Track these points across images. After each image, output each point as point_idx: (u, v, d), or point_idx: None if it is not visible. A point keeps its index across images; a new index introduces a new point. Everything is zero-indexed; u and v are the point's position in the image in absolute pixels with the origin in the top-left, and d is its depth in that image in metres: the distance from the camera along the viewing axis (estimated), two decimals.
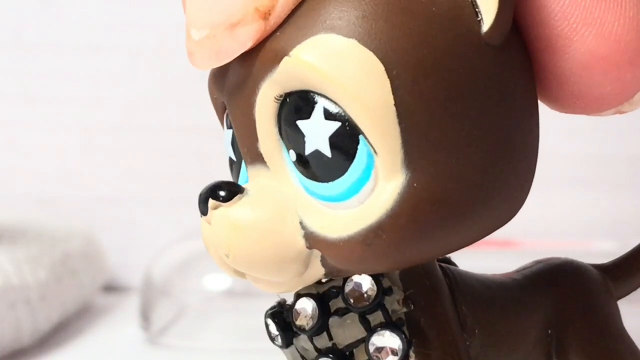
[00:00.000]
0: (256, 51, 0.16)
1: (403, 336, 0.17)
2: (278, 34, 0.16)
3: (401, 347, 0.17)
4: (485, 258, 0.20)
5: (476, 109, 0.16)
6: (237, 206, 0.17)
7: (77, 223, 0.51)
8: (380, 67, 0.15)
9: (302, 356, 0.19)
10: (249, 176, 0.18)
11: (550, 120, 0.18)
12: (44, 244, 0.44)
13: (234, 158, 0.19)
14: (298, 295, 0.18)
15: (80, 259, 0.47)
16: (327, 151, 0.16)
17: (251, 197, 0.17)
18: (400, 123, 0.15)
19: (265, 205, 0.17)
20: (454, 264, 0.20)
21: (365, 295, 0.17)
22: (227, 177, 0.19)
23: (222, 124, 0.19)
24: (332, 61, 0.16)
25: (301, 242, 0.17)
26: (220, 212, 0.17)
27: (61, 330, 0.44)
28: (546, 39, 0.17)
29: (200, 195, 0.17)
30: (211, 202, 0.17)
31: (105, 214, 0.54)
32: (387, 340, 0.17)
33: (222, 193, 0.17)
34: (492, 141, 0.16)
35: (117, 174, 0.55)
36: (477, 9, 0.16)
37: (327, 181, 0.16)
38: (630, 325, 0.22)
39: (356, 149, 0.16)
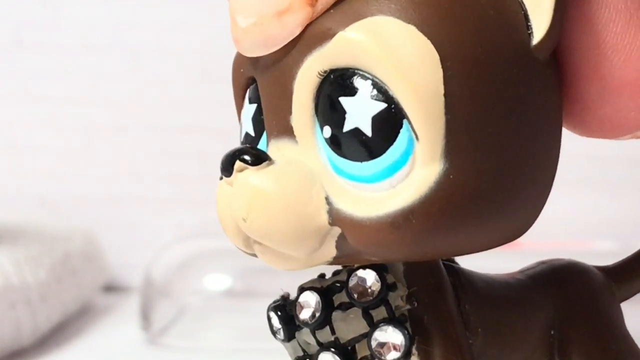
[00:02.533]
0: (308, 26, 0.17)
1: (406, 332, 0.17)
2: (332, 11, 0.16)
3: (404, 343, 0.17)
4: (487, 258, 0.19)
5: (515, 115, 0.16)
6: (264, 172, 0.17)
7: (77, 223, 0.51)
8: (435, 56, 0.16)
9: (303, 350, 0.19)
10: (269, 151, 0.17)
11: None
12: (44, 244, 0.44)
13: (252, 133, 0.19)
14: (302, 289, 0.18)
15: (81, 259, 0.47)
16: (368, 130, 0.16)
17: (279, 165, 0.17)
18: (446, 114, 0.16)
19: (292, 175, 0.17)
20: (457, 263, 0.20)
21: (369, 290, 0.17)
22: None
23: (239, 101, 0.19)
24: (389, 43, 0.16)
25: (324, 217, 0.17)
26: (245, 174, 0.17)
27: (61, 331, 0.44)
28: (577, 64, 0.17)
29: (227, 156, 0.17)
30: (237, 164, 0.17)
31: (106, 214, 0.54)
32: (390, 335, 0.17)
33: (250, 157, 0.17)
34: (524, 149, 0.17)
35: (118, 174, 0.55)
36: (528, 22, 0.16)
37: (362, 160, 0.16)
38: (633, 327, 0.22)
39: (398, 132, 0.16)
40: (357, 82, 0.16)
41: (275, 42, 0.17)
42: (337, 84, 0.16)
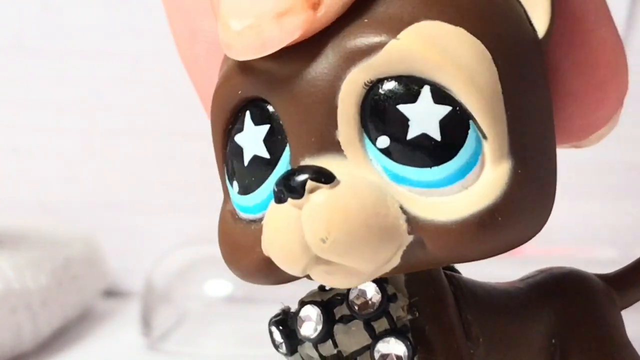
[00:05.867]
0: (339, 39, 0.16)
1: (408, 343, 0.17)
2: (366, 21, 0.16)
3: (406, 353, 0.17)
4: (487, 265, 0.19)
5: (542, 105, 0.17)
6: (338, 189, 0.16)
7: (78, 228, 0.51)
8: (488, 56, 0.16)
9: None
10: None
11: None
12: (45, 249, 0.44)
13: (265, 156, 0.18)
14: (302, 303, 0.19)
15: (81, 264, 0.47)
16: (436, 135, 0.16)
17: (348, 181, 0.16)
18: (507, 110, 0.16)
19: (365, 189, 0.16)
20: (458, 272, 0.20)
21: (370, 302, 0.17)
22: None
23: (223, 127, 0.19)
24: (445, 47, 0.16)
25: (404, 226, 0.16)
26: (319, 194, 0.16)
27: (62, 336, 0.44)
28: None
29: (289, 177, 0.16)
30: (310, 184, 0.16)
31: (107, 219, 0.55)
32: (392, 347, 0.17)
33: (319, 176, 0.16)
34: (549, 136, 0.17)
35: (119, 179, 0.55)
36: (529, 19, 0.17)
37: (431, 166, 0.16)
38: (634, 335, 0.22)
39: (467, 133, 0.16)
40: (416, 88, 0.16)
41: (272, 45, 0.16)
42: (391, 92, 0.16)
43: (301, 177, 0.16)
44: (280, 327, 0.19)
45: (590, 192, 0.51)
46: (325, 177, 0.16)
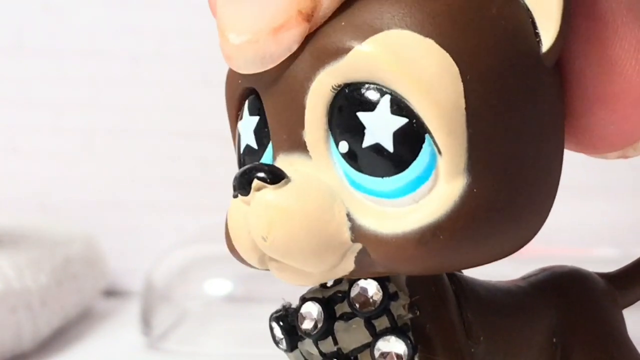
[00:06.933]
0: (315, 39, 0.16)
1: (408, 341, 0.17)
2: (343, 24, 0.16)
3: (406, 352, 0.17)
4: (489, 264, 0.19)
5: (528, 124, 0.16)
6: (284, 190, 0.16)
7: (78, 228, 0.51)
8: (455, 70, 0.16)
9: None
10: (279, 165, 0.17)
11: None
12: (44, 249, 0.44)
13: (254, 146, 0.18)
14: (303, 299, 0.18)
15: (81, 263, 0.47)
16: (389, 146, 0.16)
17: (297, 183, 0.17)
18: (468, 127, 0.16)
19: (312, 193, 0.16)
20: (460, 271, 0.20)
21: (371, 300, 0.17)
22: (229, 182, 0.19)
23: (233, 111, 0.19)
24: (408, 58, 0.16)
25: (346, 234, 0.16)
26: (264, 193, 0.16)
27: (62, 335, 0.44)
28: (564, 74, 0.18)
29: (242, 174, 0.17)
30: (256, 183, 0.16)
31: (106, 218, 0.54)
32: (393, 345, 0.17)
33: (267, 175, 0.17)
34: (535, 157, 0.17)
35: (119, 178, 0.55)
36: (536, 30, 0.16)
37: (383, 176, 0.16)
38: (635, 334, 0.22)
39: (420, 147, 0.16)
40: (376, 96, 0.16)
41: (272, 59, 0.17)
42: (353, 99, 0.16)
43: (249, 175, 0.17)
44: (281, 323, 0.19)
45: (591, 191, 0.51)
46: (273, 176, 0.16)
